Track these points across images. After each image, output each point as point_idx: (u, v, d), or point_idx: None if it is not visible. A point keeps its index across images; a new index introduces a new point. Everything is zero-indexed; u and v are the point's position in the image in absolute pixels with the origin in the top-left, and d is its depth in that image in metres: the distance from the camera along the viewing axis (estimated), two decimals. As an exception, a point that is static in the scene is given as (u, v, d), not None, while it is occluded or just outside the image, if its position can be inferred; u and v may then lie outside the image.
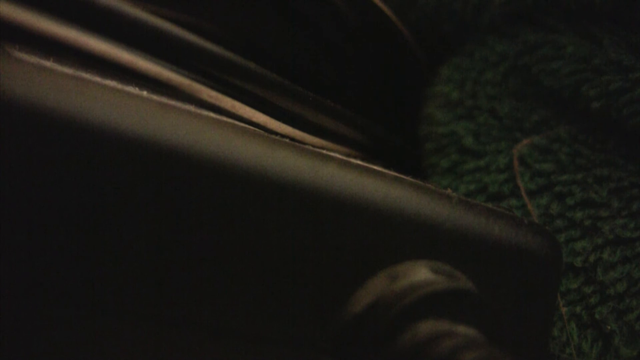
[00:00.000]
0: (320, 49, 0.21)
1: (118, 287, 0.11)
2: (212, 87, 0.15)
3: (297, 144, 0.13)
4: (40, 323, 0.11)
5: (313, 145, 0.15)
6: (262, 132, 0.13)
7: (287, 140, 0.14)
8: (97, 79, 0.12)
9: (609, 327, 0.18)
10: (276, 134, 0.15)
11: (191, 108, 0.13)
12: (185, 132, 0.12)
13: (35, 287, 0.11)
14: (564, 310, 0.18)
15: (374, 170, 0.14)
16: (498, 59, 0.22)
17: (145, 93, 0.12)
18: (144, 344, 0.12)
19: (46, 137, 0.10)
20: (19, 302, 0.11)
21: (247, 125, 0.14)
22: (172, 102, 0.12)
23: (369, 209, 0.13)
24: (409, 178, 0.14)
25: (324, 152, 0.14)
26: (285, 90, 0.17)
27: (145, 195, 0.11)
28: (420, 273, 0.13)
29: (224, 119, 0.13)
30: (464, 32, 0.23)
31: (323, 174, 0.13)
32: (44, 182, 0.11)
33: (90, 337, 0.12)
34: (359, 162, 0.14)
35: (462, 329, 0.13)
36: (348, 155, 0.15)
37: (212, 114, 0.13)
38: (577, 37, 0.21)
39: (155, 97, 0.12)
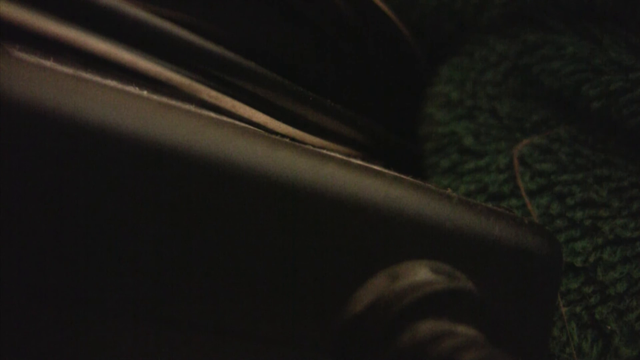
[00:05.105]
0: (320, 49, 0.21)
1: (118, 287, 0.11)
2: (212, 87, 0.15)
3: (297, 144, 0.13)
4: (40, 323, 0.11)
5: (313, 145, 0.15)
6: (262, 132, 0.13)
7: (287, 140, 0.14)
8: (97, 78, 0.12)
9: (609, 327, 0.18)
10: (276, 134, 0.15)
11: (191, 108, 0.13)
12: (185, 132, 0.12)
13: (36, 287, 0.11)
14: (564, 310, 0.18)
15: (374, 170, 0.14)
16: (498, 59, 0.22)
17: (145, 93, 0.12)
18: (144, 344, 0.12)
19: (46, 137, 0.10)
20: (19, 302, 0.11)
21: (247, 125, 0.14)
22: (172, 102, 0.12)
23: (369, 209, 0.13)
24: (409, 178, 0.14)
25: (324, 152, 0.14)
26: (285, 90, 0.17)
27: (145, 195, 0.11)
28: (420, 273, 0.13)
29: (224, 118, 0.13)
30: (464, 32, 0.23)
31: (323, 174, 0.13)
32: (44, 182, 0.11)
33: (90, 337, 0.12)
34: (359, 162, 0.14)
35: (462, 329, 0.13)
36: (348, 155, 0.15)
37: (212, 114, 0.13)
38: (577, 37, 0.21)
39: (155, 97, 0.12)
